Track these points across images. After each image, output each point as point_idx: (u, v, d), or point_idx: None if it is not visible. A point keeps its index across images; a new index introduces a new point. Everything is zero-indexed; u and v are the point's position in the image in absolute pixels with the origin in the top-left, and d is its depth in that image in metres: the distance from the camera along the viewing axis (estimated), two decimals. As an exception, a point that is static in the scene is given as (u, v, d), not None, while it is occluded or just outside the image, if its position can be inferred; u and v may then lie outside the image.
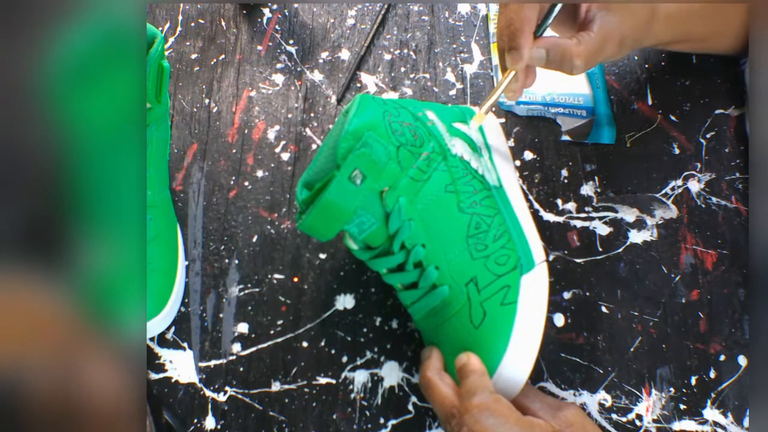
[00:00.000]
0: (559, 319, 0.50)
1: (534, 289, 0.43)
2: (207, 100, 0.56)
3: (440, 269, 0.43)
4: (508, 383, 0.42)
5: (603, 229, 0.53)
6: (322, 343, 0.49)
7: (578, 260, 0.52)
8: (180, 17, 0.58)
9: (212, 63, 0.57)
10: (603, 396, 0.49)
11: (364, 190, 0.40)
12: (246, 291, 0.50)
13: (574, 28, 0.46)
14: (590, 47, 0.43)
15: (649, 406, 0.49)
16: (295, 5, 0.59)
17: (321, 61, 0.57)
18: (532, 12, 0.42)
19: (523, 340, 0.42)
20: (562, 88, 0.57)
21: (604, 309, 0.51)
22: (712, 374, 0.49)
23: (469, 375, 0.40)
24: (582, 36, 0.43)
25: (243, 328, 0.50)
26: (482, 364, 0.41)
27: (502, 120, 0.56)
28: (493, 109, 0.56)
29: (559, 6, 0.43)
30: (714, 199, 0.54)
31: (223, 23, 0.58)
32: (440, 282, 0.43)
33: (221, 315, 0.50)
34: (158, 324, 0.47)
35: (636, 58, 0.58)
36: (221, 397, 0.48)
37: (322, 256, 0.51)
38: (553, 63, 0.43)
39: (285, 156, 0.54)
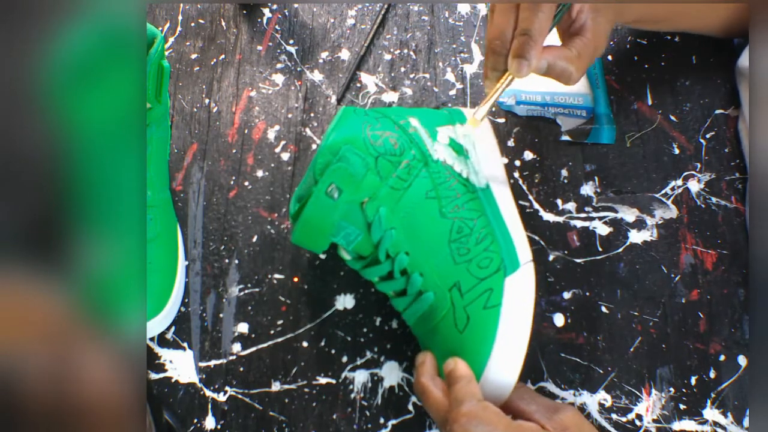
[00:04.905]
0: (559, 319, 0.50)
1: (519, 290, 0.43)
2: (207, 100, 0.56)
3: (425, 275, 0.43)
4: (495, 386, 0.42)
5: (603, 229, 0.53)
6: (322, 343, 0.49)
7: (578, 260, 0.52)
8: (180, 17, 0.58)
9: (212, 63, 0.57)
10: (603, 396, 0.49)
11: (342, 203, 0.41)
12: (246, 291, 0.50)
13: (565, 31, 0.45)
14: (587, 56, 0.43)
15: (649, 406, 0.49)
16: (295, 5, 0.59)
17: (321, 61, 0.57)
18: (548, 23, 0.41)
19: (509, 342, 0.42)
20: (562, 88, 0.57)
21: (604, 309, 0.51)
22: (712, 374, 0.49)
23: (457, 382, 0.40)
24: (578, 45, 0.43)
25: (243, 328, 0.50)
26: (469, 369, 0.41)
27: (502, 120, 0.56)
28: (492, 109, 0.56)
29: (561, 14, 0.43)
30: (714, 199, 0.54)
31: (223, 23, 0.58)
32: (425, 288, 0.43)
33: (221, 315, 0.50)
34: (158, 324, 0.47)
35: (636, 58, 0.58)
36: (221, 397, 0.48)
37: (322, 256, 0.51)
38: (553, 73, 0.43)
39: (285, 156, 0.54)
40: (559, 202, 0.53)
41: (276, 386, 0.48)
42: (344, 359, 0.49)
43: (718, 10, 0.54)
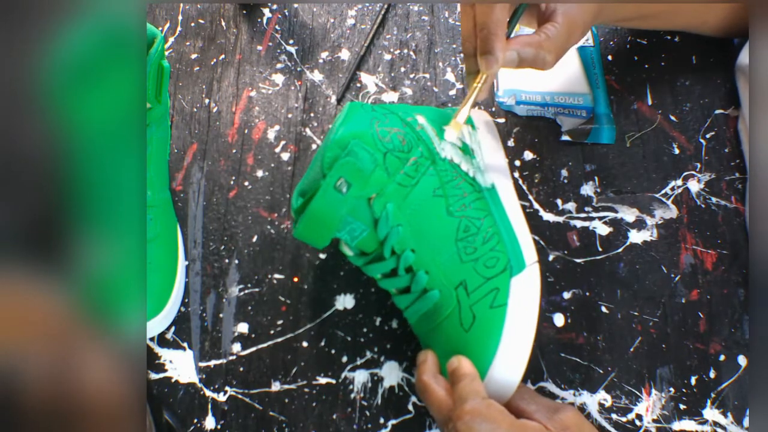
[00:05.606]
0: (559, 319, 0.50)
1: (525, 291, 0.43)
2: (207, 100, 0.56)
3: (430, 273, 0.43)
4: (499, 385, 0.42)
5: (603, 229, 0.53)
6: (322, 343, 0.49)
7: (578, 260, 0.52)
8: (180, 17, 0.59)
9: (212, 63, 0.57)
10: (603, 396, 0.49)
11: (350, 198, 0.41)
12: (246, 291, 0.50)
13: (536, 20, 0.45)
14: (558, 40, 0.43)
15: (649, 406, 0.49)
16: (295, 5, 0.59)
17: (321, 61, 0.57)
18: (504, 14, 0.41)
19: (514, 342, 0.42)
20: (562, 88, 0.57)
21: (604, 309, 0.51)
22: (712, 374, 0.49)
23: (461, 380, 0.40)
24: (548, 29, 0.43)
25: (243, 328, 0.50)
26: (473, 367, 0.41)
27: (502, 120, 0.56)
28: (492, 109, 0.56)
29: (525, 5, 0.43)
30: (714, 199, 0.54)
31: (223, 23, 0.58)
32: (430, 286, 0.43)
33: (221, 315, 0.50)
34: (158, 324, 0.47)
35: (636, 58, 0.58)
36: (221, 397, 0.48)
37: (322, 256, 0.51)
38: (525, 62, 0.43)
39: (285, 156, 0.54)
40: (559, 202, 0.53)
41: (276, 386, 0.48)
42: (344, 359, 0.49)
43: (713, 8, 0.54)
